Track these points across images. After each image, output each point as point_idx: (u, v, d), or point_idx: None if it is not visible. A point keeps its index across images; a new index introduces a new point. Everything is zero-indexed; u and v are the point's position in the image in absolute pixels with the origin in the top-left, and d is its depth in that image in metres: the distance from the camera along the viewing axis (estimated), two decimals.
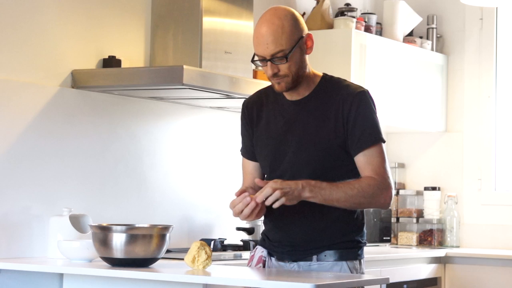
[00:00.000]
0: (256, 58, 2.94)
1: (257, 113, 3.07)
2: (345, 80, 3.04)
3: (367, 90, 3.01)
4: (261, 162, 3.07)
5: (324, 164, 2.93)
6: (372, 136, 2.93)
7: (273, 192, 2.78)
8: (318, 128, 2.94)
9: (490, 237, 5.47)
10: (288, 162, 2.96)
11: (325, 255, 2.95)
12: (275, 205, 2.79)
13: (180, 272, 2.96)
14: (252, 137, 3.08)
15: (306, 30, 2.95)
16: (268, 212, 3.00)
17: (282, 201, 2.78)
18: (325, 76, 3.04)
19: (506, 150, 5.56)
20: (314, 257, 2.95)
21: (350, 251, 2.97)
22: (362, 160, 2.92)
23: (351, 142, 2.92)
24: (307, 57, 2.97)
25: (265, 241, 3.04)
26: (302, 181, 2.83)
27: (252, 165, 3.11)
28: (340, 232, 2.93)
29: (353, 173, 2.94)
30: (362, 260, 3.01)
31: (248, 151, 3.11)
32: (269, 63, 2.90)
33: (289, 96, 2.99)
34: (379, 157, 2.92)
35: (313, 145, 2.93)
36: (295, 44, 2.89)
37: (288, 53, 2.88)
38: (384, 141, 2.96)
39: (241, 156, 3.15)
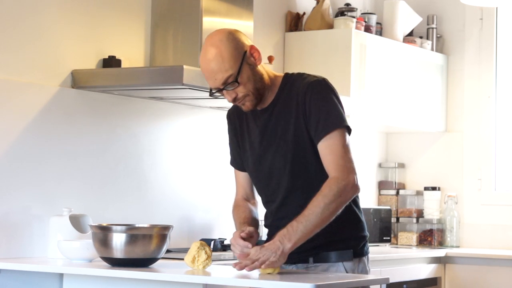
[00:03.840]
0: (212, 90, 2.92)
1: (239, 123, 3.08)
2: (303, 74, 3.00)
3: (323, 79, 2.96)
4: (247, 172, 3.10)
5: (301, 162, 2.93)
6: (328, 124, 2.88)
7: (251, 263, 2.77)
8: (287, 128, 2.93)
9: (490, 237, 5.47)
10: (269, 169, 2.98)
11: (321, 257, 2.94)
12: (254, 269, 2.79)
13: (180, 272, 2.96)
14: (237, 146, 3.09)
15: (247, 43, 2.91)
16: (267, 217, 3.02)
17: (268, 264, 2.76)
18: (286, 75, 3.01)
19: (506, 150, 5.56)
20: (311, 258, 2.95)
21: (347, 252, 2.96)
22: (322, 149, 2.88)
23: (311, 133, 2.89)
24: (260, 67, 2.93)
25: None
26: (277, 236, 2.80)
27: (242, 175, 3.14)
28: (334, 232, 2.90)
29: None
30: (363, 258, 3.00)
31: (237, 161, 3.13)
32: (224, 91, 2.89)
33: (258, 106, 2.98)
34: (338, 144, 2.87)
35: (287, 146, 2.93)
36: (241, 64, 2.86)
37: (237, 75, 2.85)
38: (345, 126, 2.90)
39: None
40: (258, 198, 3.15)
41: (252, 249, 2.82)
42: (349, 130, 2.93)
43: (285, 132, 2.93)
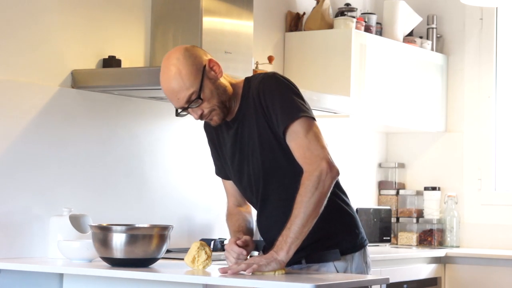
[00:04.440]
0: (178, 110, 2.90)
1: (216, 134, 3.05)
2: (259, 74, 2.95)
3: (273, 73, 2.91)
4: (232, 180, 3.08)
5: (272, 164, 2.89)
6: (284, 117, 2.82)
7: (246, 268, 2.76)
8: (252, 133, 2.90)
9: (490, 237, 5.47)
10: (247, 175, 2.96)
11: (313, 257, 2.93)
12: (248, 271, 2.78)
13: (180, 272, 2.96)
14: (218, 156, 3.09)
15: (205, 58, 2.87)
16: (256, 221, 3.03)
17: (255, 268, 2.75)
18: (246, 80, 2.96)
19: (506, 150, 5.56)
20: (303, 260, 2.95)
21: (333, 252, 2.93)
22: (290, 143, 2.82)
23: (276, 130, 2.84)
24: (222, 79, 2.89)
25: (265, 247, 3.06)
26: (272, 249, 2.78)
27: (229, 183, 3.13)
28: (323, 230, 2.87)
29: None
30: (357, 254, 2.96)
31: (221, 171, 3.13)
32: (189, 109, 2.86)
33: (227, 117, 2.95)
34: (301, 135, 2.80)
35: (256, 152, 2.90)
36: (201, 80, 2.83)
37: (199, 92, 2.82)
38: (305, 115, 2.81)
39: None
40: None
41: (249, 258, 2.83)
42: (312, 119, 2.84)
43: (252, 138, 2.90)
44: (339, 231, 2.97)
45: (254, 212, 3.13)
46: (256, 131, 2.88)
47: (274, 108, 2.83)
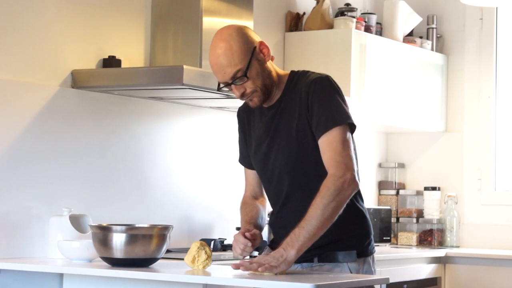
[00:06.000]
0: (221, 85, 2.94)
1: (247, 120, 3.09)
2: (308, 72, 3.00)
3: (326, 76, 2.96)
4: (255, 169, 3.10)
5: (303, 160, 2.92)
6: (329, 120, 2.87)
7: (257, 268, 2.76)
8: (290, 126, 2.93)
9: (490, 237, 5.47)
10: (272, 166, 2.98)
11: (326, 257, 2.94)
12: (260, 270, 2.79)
13: (180, 272, 2.96)
14: (246, 144, 3.10)
15: (257, 40, 2.93)
16: (272, 214, 3.02)
17: (267, 267, 2.76)
18: (292, 73, 3.01)
19: (506, 150, 5.56)
20: (316, 258, 2.95)
21: (351, 252, 2.96)
22: (321, 146, 2.87)
23: (313, 129, 2.89)
24: (269, 63, 2.94)
25: (273, 243, 3.05)
26: (282, 244, 2.79)
27: (250, 173, 3.14)
28: (338, 230, 2.88)
29: None
30: (368, 258, 3.00)
31: (245, 159, 3.14)
32: (233, 86, 2.90)
33: (265, 104, 2.99)
34: (337, 140, 2.85)
35: (289, 144, 2.93)
36: (250, 59, 2.87)
37: (246, 70, 2.87)
38: (347, 123, 2.88)
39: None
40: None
41: (257, 256, 2.83)
42: (352, 128, 2.91)
43: (288, 130, 2.93)
44: (356, 234, 2.99)
45: (268, 208, 3.13)
46: (296, 126, 2.92)
47: (321, 109, 2.87)
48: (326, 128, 2.86)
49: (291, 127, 2.93)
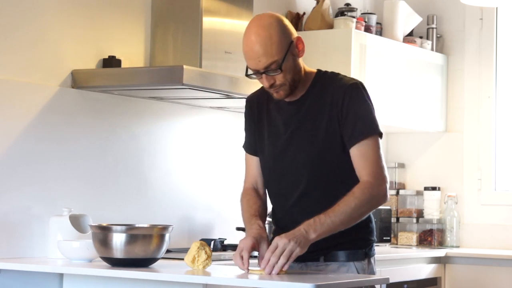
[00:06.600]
0: (249, 72, 2.89)
1: (258, 110, 3.05)
2: (338, 74, 2.99)
3: (360, 82, 2.96)
4: (261, 160, 3.05)
5: (326, 163, 2.90)
6: (364, 129, 2.88)
7: (285, 262, 2.72)
8: (314, 126, 2.91)
9: (490, 237, 5.47)
10: (288, 162, 2.94)
11: (332, 256, 2.93)
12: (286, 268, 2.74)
13: (180, 272, 2.96)
14: (254, 132, 3.06)
15: (295, 34, 2.90)
16: (276, 212, 3.01)
17: (293, 257, 2.72)
18: (319, 72, 3.00)
19: (506, 150, 5.56)
20: (322, 257, 2.94)
21: (358, 251, 2.96)
22: (356, 153, 2.87)
23: (345, 136, 2.88)
24: (300, 60, 2.93)
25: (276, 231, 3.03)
26: (303, 225, 2.76)
27: (254, 162, 3.08)
28: (347, 232, 2.86)
29: (353, 172, 2.89)
30: (371, 259, 3.00)
31: (251, 146, 3.09)
32: (264, 75, 2.86)
33: (287, 98, 2.96)
34: (373, 150, 2.87)
35: (313, 144, 2.90)
36: (286, 52, 2.84)
37: (281, 63, 2.83)
38: (380, 133, 2.91)
39: (244, 152, 3.12)
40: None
41: (276, 240, 2.74)
42: (381, 137, 2.93)
43: (314, 130, 2.91)
44: (363, 235, 2.99)
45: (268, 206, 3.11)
46: (324, 129, 2.89)
47: (356, 117, 2.87)
48: (362, 137, 2.86)
49: (318, 128, 2.90)
